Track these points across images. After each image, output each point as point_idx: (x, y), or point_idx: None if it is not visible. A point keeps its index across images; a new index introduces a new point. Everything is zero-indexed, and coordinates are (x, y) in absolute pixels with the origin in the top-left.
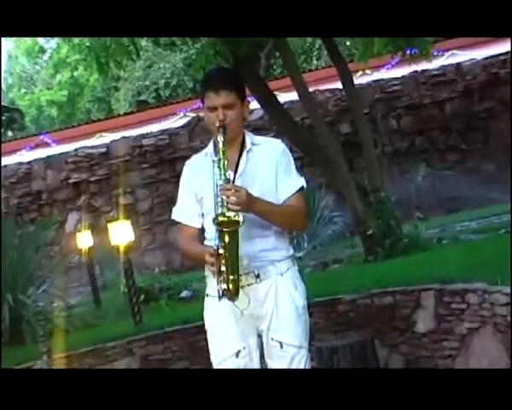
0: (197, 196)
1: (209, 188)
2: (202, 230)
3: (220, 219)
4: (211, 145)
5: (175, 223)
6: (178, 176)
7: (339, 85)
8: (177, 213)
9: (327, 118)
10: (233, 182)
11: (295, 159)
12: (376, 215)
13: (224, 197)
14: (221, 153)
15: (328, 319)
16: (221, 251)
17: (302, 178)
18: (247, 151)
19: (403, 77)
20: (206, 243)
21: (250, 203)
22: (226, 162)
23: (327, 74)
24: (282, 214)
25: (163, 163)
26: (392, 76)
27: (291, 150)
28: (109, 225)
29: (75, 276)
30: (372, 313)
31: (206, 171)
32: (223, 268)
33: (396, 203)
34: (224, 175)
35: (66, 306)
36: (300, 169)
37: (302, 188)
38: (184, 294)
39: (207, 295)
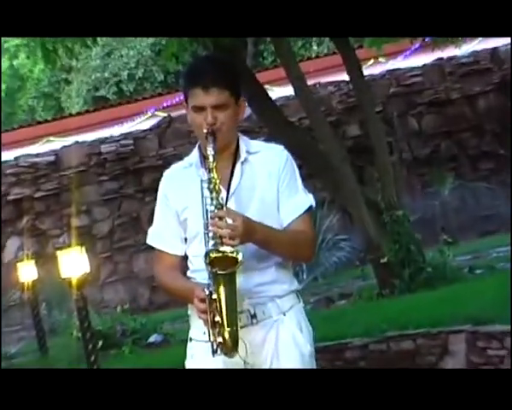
0: (179, 216)
1: (194, 206)
2: (185, 257)
3: (213, 256)
4: (195, 153)
5: (147, 249)
6: (145, 190)
7: (345, 77)
8: (154, 237)
9: (330, 117)
10: (226, 202)
11: None
12: (392, 238)
13: (216, 229)
14: (212, 169)
15: (334, 368)
16: (214, 296)
17: (310, 196)
18: (242, 162)
19: (424, 66)
20: (189, 274)
21: (248, 234)
22: (218, 181)
23: (330, 63)
24: (287, 243)
25: (127, 175)
26: (411, 65)
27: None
28: (59, 254)
29: (16, 317)
30: (388, 361)
31: (190, 185)
32: (217, 318)
33: (417, 224)
34: (216, 199)
35: (5, 355)
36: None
37: (310, 208)
38: (153, 338)
39: (191, 339)
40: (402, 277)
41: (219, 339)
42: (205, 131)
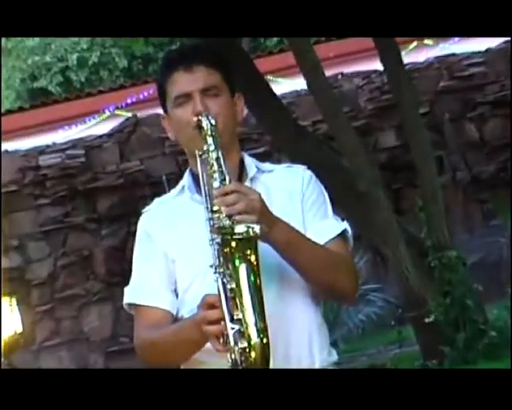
0: (169, 258)
1: (188, 243)
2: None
3: (223, 231)
4: (187, 175)
5: (103, 300)
6: (100, 220)
7: (378, 66)
8: (135, 292)
9: (356, 122)
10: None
11: None
12: (442, 290)
13: (223, 208)
14: (210, 140)
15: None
16: (231, 285)
17: (345, 222)
18: (251, 179)
19: (488, 51)
20: None
21: (269, 217)
22: (220, 153)
23: (357, 47)
24: (321, 255)
25: (75, 198)
26: (469, 49)
27: None
28: None
29: None
30: None
31: (181, 215)
32: (238, 315)
33: (476, 269)
34: (221, 173)
35: None
36: None
37: (344, 233)
38: None
39: None
40: (455, 343)
41: (243, 344)
42: (194, 119)
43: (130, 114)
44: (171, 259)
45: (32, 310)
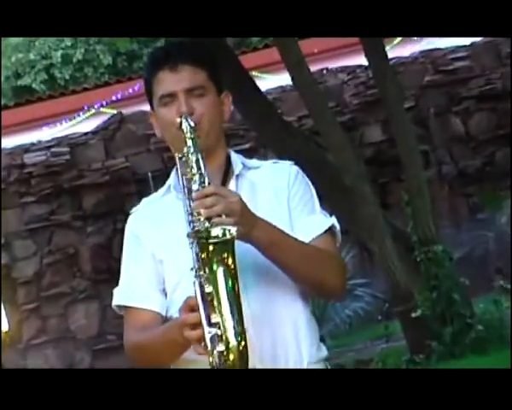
0: (155, 257)
1: (175, 243)
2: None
3: (201, 238)
4: (173, 175)
5: (89, 298)
6: (86, 217)
7: (363, 61)
8: (124, 294)
9: (342, 117)
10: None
11: None
12: (428, 284)
13: (203, 211)
14: (190, 142)
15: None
16: (208, 289)
17: (332, 218)
18: (237, 176)
19: (473, 45)
20: None
21: (249, 218)
22: (200, 155)
23: (342, 42)
24: (304, 253)
25: (60, 195)
26: (454, 43)
27: None
28: None
29: None
30: None
31: (168, 214)
32: (216, 318)
33: (462, 263)
34: (200, 175)
35: None
36: None
37: (333, 229)
38: None
39: None
40: (442, 337)
41: (221, 347)
42: (178, 120)
43: (115, 111)
44: (159, 259)
45: (18, 308)
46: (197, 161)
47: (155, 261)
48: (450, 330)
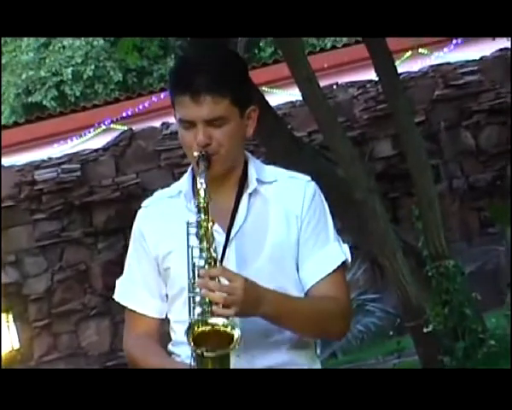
0: (160, 264)
1: (181, 252)
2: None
3: (198, 330)
4: (186, 179)
5: (100, 314)
6: (97, 233)
7: (373, 76)
8: (124, 292)
9: (352, 132)
10: (224, 250)
11: None
12: (440, 299)
13: (206, 292)
14: (202, 209)
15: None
16: None
17: (345, 247)
18: (250, 194)
19: (483, 59)
20: (171, 348)
21: (252, 302)
22: (211, 225)
23: (352, 57)
24: (309, 317)
25: (71, 212)
26: (464, 58)
27: None
28: None
29: None
30: None
31: (176, 221)
32: None
33: (474, 278)
34: (208, 251)
35: None
36: None
37: (344, 263)
38: None
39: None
40: (454, 352)
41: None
42: (195, 154)
43: (125, 128)
44: (165, 266)
45: (29, 325)
46: (207, 233)
47: (159, 266)
48: (463, 345)
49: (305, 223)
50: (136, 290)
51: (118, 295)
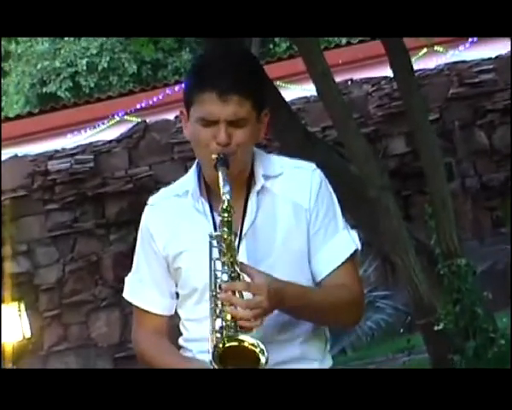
0: (170, 264)
1: (191, 252)
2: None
3: (225, 346)
4: (193, 178)
5: (110, 306)
6: (109, 225)
7: (388, 73)
8: (134, 291)
9: (366, 128)
10: (237, 249)
11: None
12: (451, 298)
13: (229, 308)
14: (226, 222)
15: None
16: None
17: (353, 233)
18: (258, 192)
19: (498, 58)
20: (182, 342)
21: (275, 306)
22: (234, 239)
23: (367, 53)
24: (325, 306)
25: (83, 203)
26: (479, 56)
27: None
28: None
29: None
30: None
31: (184, 221)
32: None
33: (486, 277)
34: (231, 265)
35: None
36: None
37: (355, 252)
38: None
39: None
40: (464, 351)
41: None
42: (214, 157)
43: (139, 120)
44: (175, 266)
45: (40, 315)
46: (231, 249)
47: (169, 266)
48: (473, 344)
49: (313, 215)
50: (146, 289)
51: (127, 294)
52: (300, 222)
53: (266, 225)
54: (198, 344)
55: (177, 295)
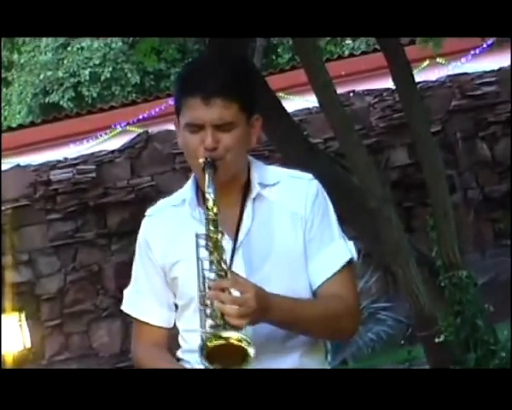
0: (167, 274)
1: (188, 261)
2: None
3: (211, 344)
4: (190, 187)
5: (111, 316)
6: (111, 235)
7: (390, 84)
8: (132, 303)
9: (368, 139)
10: (232, 256)
11: None
12: (452, 310)
13: (218, 304)
14: (211, 220)
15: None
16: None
17: (350, 244)
18: (254, 199)
19: (501, 70)
20: (180, 355)
21: (263, 310)
22: (220, 237)
23: (369, 65)
24: (318, 318)
25: (85, 212)
26: (481, 68)
27: None
28: None
29: None
30: None
31: (181, 230)
32: None
33: (487, 289)
34: (218, 263)
35: None
36: None
37: (351, 261)
38: None
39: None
40: (465, 363)
41: None
42: (201, 160)
43: (141, 130)
44: (172, 276)
45: (41, 325)
46: (217, 245)
47: (166, 276)
48: (474, 356)
49: (309, 223)
50: (144, 301)
51: (126, 306)
52: (297, 230)
53: (262, 233)
54: (195, 356)
55: (176, 307)
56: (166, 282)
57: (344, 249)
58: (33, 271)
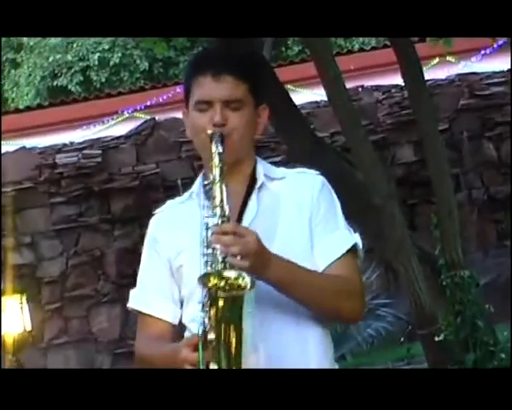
0: (172, 264)
1: (194, 250)
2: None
3: (212, 280)
4: (198, 183)
5: (111, 302)
6: (114, 220)
7: (399, 81)
8: (136, 297)
9: (375, 135)
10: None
11: None
12: (453, 309)
13: (219, 246)
14: (217, 171)
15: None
16: (211, 335)
17: (356, 235)
18: (259, 188)
19: (509, 71)
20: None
21: (262, 258)
22: (224, 188)
23: (379, 60)
24: (321, 287)
25: (89, 197)
26: (490, 69)
27: None
28: None
29: None
30: None
31: (187, 220)
32: (213, 365)
33: (488, 290)
34: (221, 208)
35: None
36: None
37: (354, 247)
38: None
39: None
40: (464, 362)
41: None
42: (209, 131)
43: (148, 117)
44: (178, 265)
45: (41, 308)
46: (221, 192)
47: (172, 270)
48: (473, 356)
49: (314, 211)
50: (149, 294)
51: (131, 302)
52: (302, 220)
53: (267, 221)
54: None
55: (182, 304)
56: (172, 275)
57: (348, 236)
58: (35, 253)
